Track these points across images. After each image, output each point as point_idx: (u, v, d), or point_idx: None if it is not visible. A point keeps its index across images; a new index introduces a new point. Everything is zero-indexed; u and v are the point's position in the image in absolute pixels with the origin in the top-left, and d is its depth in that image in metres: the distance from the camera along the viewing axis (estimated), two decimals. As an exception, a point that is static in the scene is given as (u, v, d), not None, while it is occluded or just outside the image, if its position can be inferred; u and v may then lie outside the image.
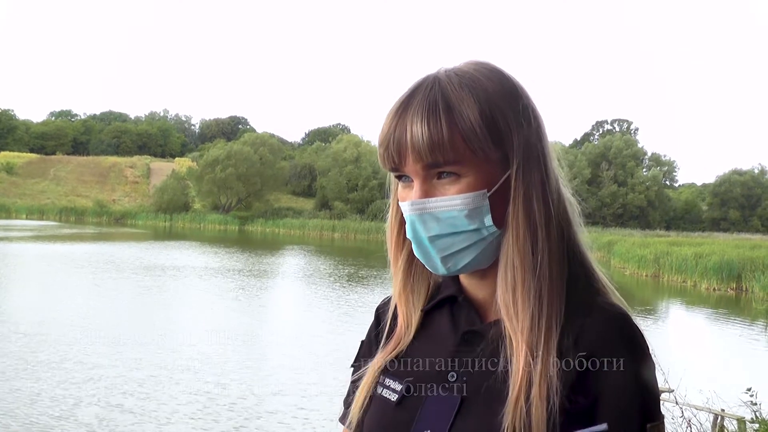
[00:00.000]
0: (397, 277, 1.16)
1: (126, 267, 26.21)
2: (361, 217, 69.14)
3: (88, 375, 10.37)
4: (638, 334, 1.03)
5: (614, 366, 0.99)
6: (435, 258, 1.05)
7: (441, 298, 1.14)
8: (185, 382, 10.23)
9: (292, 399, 9.73)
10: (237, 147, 76.00)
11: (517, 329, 1.01)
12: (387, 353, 1.16)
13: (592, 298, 1.06)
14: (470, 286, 1.12)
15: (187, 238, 49.41)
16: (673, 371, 6.09)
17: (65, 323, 14.24)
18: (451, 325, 1.11)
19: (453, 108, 1.00)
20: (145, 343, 12.68)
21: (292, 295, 22.36)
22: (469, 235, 1.03)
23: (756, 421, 6.02)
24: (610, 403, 0.98)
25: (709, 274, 28.76)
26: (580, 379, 0.99)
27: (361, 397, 1.14)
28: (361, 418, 1.14)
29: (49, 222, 65.13)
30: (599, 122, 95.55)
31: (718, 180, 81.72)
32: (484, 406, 1.02)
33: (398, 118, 1.03)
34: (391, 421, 1.09)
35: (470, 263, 1.05)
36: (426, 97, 1.02)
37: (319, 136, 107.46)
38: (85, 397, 9.28)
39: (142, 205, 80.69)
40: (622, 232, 59.65)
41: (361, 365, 1.22)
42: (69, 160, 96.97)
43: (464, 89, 1.02)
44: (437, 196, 1.03)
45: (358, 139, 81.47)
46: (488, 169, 1.02)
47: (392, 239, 1.17)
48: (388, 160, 1.05)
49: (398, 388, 1.10)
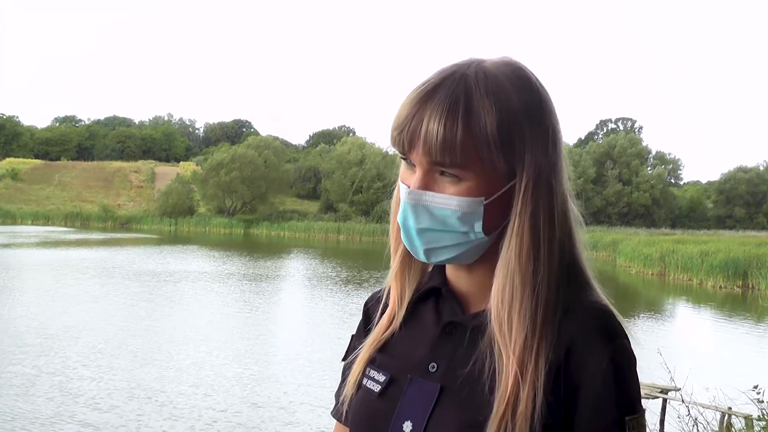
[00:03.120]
0: (395, 262, 1.18)
1: (135, 273, 26.28)
2: (366, 219, 69.15)
3: (99, 377, 10.43)
4: (618, 328, 1.02)
5: (593, 359, 0.99)
6: (419, 248, 1.07)
7: (426, 290, 1.15)
8: (188, 396, 10.26)
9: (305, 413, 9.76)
10: (241, 150, 76.03)
11: (509, 346, 1.01)
12: (372, 344, 1.17)
13: (575, 296, 1.05)
14: (455, 278, 1.13)
15: (193, 242, 49.49)
16: (680, 369, 6.09)
17: (69, 330, 14.29)
18: (435, 316, 1.12)
19: (472, 113, 1.00)
20: (152, 349, 12.74)
21: (305, 299, 22.37)
22: (457, 236, 1.04)
23: (763, 419, 6.01)
24: (588, 395, 0.98)
25: (715, 272, 28.70)
26: (559, 375, 0.99)
27: (349, 390, 1.16)
28: (346, 410, 1.16)
29: (55, 228, 65.27)
30: (603, 121, 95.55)
31: (723, 177, 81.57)
32: (464, 396, 1.03)
33: (418, 108, 1.02)
34: (373, 412, 1.10)
35: (450, 259, 1.07)
36: (449, 95, 1.01)
37: (323, 138, 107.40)
38: (88, 401, 9.33)
39: (147, 209, 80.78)
40: (628, 230, 59.54)
41: (350, 359, 1.23)
42: (74, 166, 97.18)
43: (489, 97, 1.01)
44: (436, 191, 1.04)
45: (362, 141, 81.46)
46: (491, 178, 1.02)
47: (394, 227, 1.17)
48: (399, 144, 1.05)
49: (381, 379, 1.12)
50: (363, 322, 1.26)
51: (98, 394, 9.68)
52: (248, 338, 14.10)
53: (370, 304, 1.26)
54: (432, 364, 1.08)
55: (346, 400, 1.16)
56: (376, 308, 1.22)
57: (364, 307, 1.28)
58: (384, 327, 1.17)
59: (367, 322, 1.24)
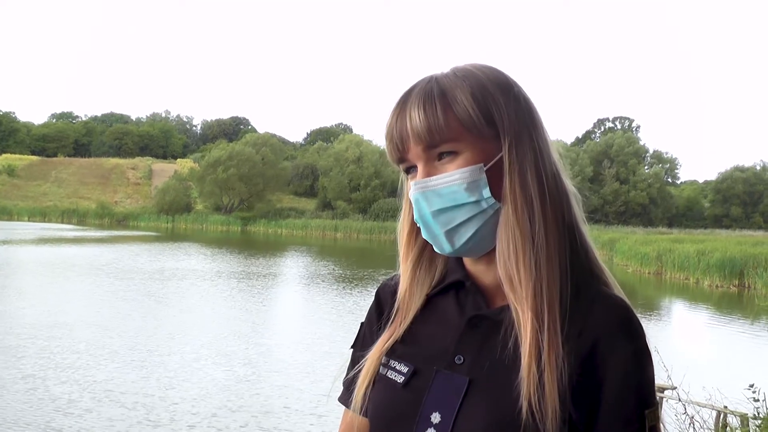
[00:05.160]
0: (406, 272, 1.20)
1: (132, 271, 26.23)
2: (363, 216, 69.14)
3: (96, 374, 10.37)
4: (639, 325, 1.07)
5: (617, 354, 1.04)
6: (440, 235, 1.10)
7: (447, 283, 1.18)
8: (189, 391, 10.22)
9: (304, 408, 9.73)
10: (239, 147, 76.00)
11: (521, 297, 1.06)
12: (391, 335, 1.18)
13: (597, 288, 1.11)
14: (477, 272, 1.16)
15: (190, 240, 49.41)
16: (676, 368, 6.09)
17: (71, 328, 14.26)
18: (458, 309, 1.15)
19: (447, 93, 1.09)
20: (149, 349, 12.70)
21: (301, 298, 22.35)
22: (470, 207, 1.08)
23: (758, 418, 6.02)
24: (611, 389, 1.03)
25: (712, 271, 28.73)
26: (585, 366, 1.04)
27: (366, 379, 1.17)
28: (365, 400, 1.17)
29: (52, 224, 65.13)
30: (601, 120, 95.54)
31: (720, 177, 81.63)
32: (492, 389, 1.05)
33: (399, 112, 1.12)
34: (397, 403, 1.11)
35: (472, 238, 1.10)
36: (423, 89, 1.11)
37: (320, 135, 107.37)
38: (87, 402, 9.28)
39: (145, 206, 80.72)
40: (625, 229, 59.65)
41: (361, 346, 1.24)
42: (71, 162, 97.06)
43: (458, 79, 1.11)
44: (439, 174, 1.10)
45: (360, 139, 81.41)
46: (484, 145, 1.09)
47: (403, 236, 1.21)
48: (394, 151, 1.13)
49: (404, 370, 1.13)
50: (375, 310, 1.27)
51: (80, 398, 9.37)
52: (240, 338, 14.05)
53: (383, 290, 1.28)
54: (458, 356, 1.10)
55: (361, 389, 1.17)
56: (389, 298, 1.24)
57: (377, 293, 1.29)
58: (402, 318, 1.19)
59: (380, 309, 1.26)
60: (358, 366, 1.20)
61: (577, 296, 1.08)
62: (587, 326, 1.05)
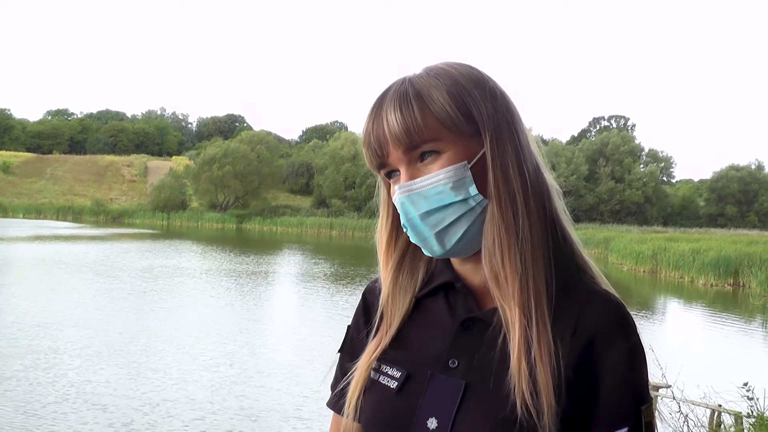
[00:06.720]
0: (387, 279, 1.18)
1: (129, 269, 26.17)
2: (358, 214, 69.09)
3: (89, 376, 10.34)
4: (632, 322, 1.07)
5: (613, 352, 1.03)
6: (430, 237, 1.08)
7: (436, 285, 1.15)
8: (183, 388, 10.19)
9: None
10: (234, 145, 75.91)
11: (507, 294, 1.04)
12: (381, 339, 1.15)
13: (586, 283, 1.10)
14: (465, 272, 1.13)
15: (185, 238, 49.30)
16: (671, 367, 6.11)
17: (45, 327, 14.21)
18: (448, 311, 1.12)
19: (422, 93, 1.07)
20: (139, 348, 12.67)
21: (297, 297, 22.32)
22: (458, 206, 1.06)
23: (752, 416, 6.04)
24: (609, 387, 1.03)
25: (707, 270, 28.80)
26: (581, 363, 1.03)
27: (359, 384, 1.14)
28: (357, 407, 1.14)
29: (47, 221, 64.92)
30: (596, 119, 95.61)
31: (715, 176, 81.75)
32: (488, 392, 1.03)
33: (374, 116, 1.09)
34: (392, 409, 1.09)
35: (463, 237, 1.07)
36: (397, 91, 1.08)
37: (316, 133, 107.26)
38: (79, 402, 9.25)
39: (140, 203, 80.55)
40: (620, 228, 59.74)
41: (349, 352, 1.22)
42: (66, 159, 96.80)
43: (432, 78, 1.09)
44: (423, 176, 1.08)
45: (355, 137, 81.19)
46: (465, 143, 1.07)
47: (383, 242, 1.19)
48: (373, 157, 1.11)
49: (397, 375, 1.10)
50: (362, 315, 1.24)
51: (61, 399, 9.27)
52: (235, 337, 14.02)
53: (369, 293, 1.25)
54: (452, 360, 1.07)
55: (353, 394, 1.14)
56: (375, 301, 1.21)
57: (363, 295, 1.26)
58: (391, 322, 1.16)
59: (366, 314, 1.23)
60: (347, 377, 1.17)
61: (566, 290, 1.06)
62: (582, 324, 1.04)
